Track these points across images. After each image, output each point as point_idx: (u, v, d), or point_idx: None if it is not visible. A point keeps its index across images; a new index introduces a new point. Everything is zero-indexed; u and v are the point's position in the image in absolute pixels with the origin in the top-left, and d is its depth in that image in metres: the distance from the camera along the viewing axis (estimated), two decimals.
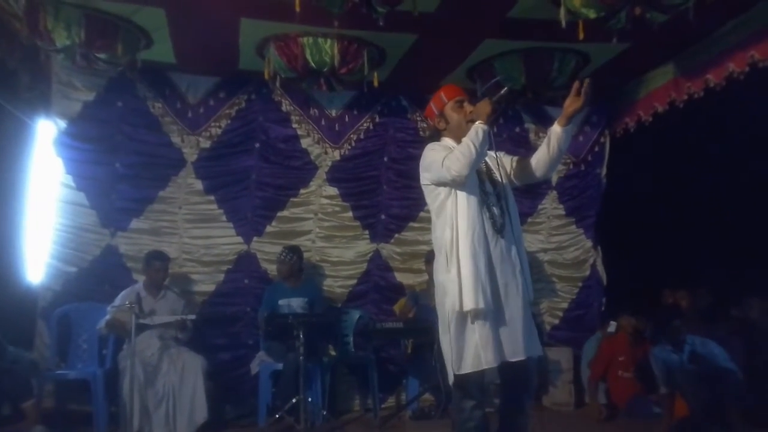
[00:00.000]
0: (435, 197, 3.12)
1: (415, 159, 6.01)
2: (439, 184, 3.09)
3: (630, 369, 5.71)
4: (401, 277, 6.31)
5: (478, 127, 3.01)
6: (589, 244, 6.73)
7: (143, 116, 5.83)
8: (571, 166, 6.66)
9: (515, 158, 3.31)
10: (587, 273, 6.72)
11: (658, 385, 5.29)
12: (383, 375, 5.92)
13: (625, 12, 3.93)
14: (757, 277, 6.17)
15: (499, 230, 3.08)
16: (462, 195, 3.04)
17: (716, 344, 5.16)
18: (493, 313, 2.98)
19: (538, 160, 3.18)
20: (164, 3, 4.52)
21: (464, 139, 3.02)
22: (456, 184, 3.02)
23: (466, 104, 3.21)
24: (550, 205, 6.66)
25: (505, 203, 3.16)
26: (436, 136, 3.29)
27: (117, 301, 5.11)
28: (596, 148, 6.68)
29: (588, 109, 6.50)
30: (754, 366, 5.00)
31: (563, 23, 4.05)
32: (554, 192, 6.65)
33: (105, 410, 5.02)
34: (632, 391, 5.64)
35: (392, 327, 5.68)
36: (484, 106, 3.07)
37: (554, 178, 6.63)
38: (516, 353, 3.00)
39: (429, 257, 5.75)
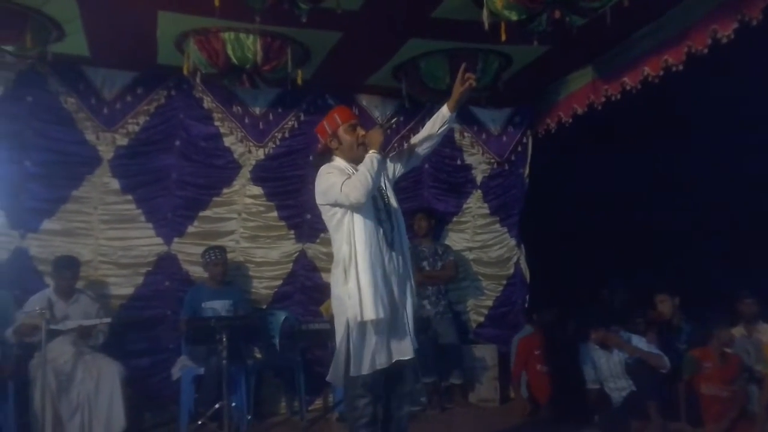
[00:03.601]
0: (332, 216, 3.39)
1: None
2: (336, 206, 3.33)
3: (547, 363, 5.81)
4: (328, 278, 6.19)
5: (373, 157, 3.30)
6: (512, 242, 6.85)
7: (55, 112, 5.55)
8: (495, 166, 6.76)
9: (397, 154, 3.72)
10: (511, 271, 6.84)
11: (585, 380, 5.42)
12: (310, 377, 5.85)
13: (545, 15, 4.01)
14: (672, 274, 6.43)
15: (390, 244, 3.40)
16: (358, 214, 3.29)
17: (641, 340, 5.32)
18: (388, 320, 3.30)
19: (424, 138, 3.61)
20: None
21: (361, 168, 3.28)
22: (353, 208, 3.29)
23: (358, 128, 3.49)
24: (475, 204, 6.75)
25: (395, 219, 3.47)
26: (327, 153, 3.53)
27: (27, 306, 4.87)
28: (519, 149, 6.80)
29: (511, 110, 6.65)
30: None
31: (486, 25, 4.10)
32: (479, 191, 6.74)
33: (15, 422, 4.74)
34: (551, 385, 5.71)
35: (319, 328, 5.64)
36: (377, 135, 3.35)
37: (479, 178, 6.74)
38: (406, 353, 3.37)
39: None
